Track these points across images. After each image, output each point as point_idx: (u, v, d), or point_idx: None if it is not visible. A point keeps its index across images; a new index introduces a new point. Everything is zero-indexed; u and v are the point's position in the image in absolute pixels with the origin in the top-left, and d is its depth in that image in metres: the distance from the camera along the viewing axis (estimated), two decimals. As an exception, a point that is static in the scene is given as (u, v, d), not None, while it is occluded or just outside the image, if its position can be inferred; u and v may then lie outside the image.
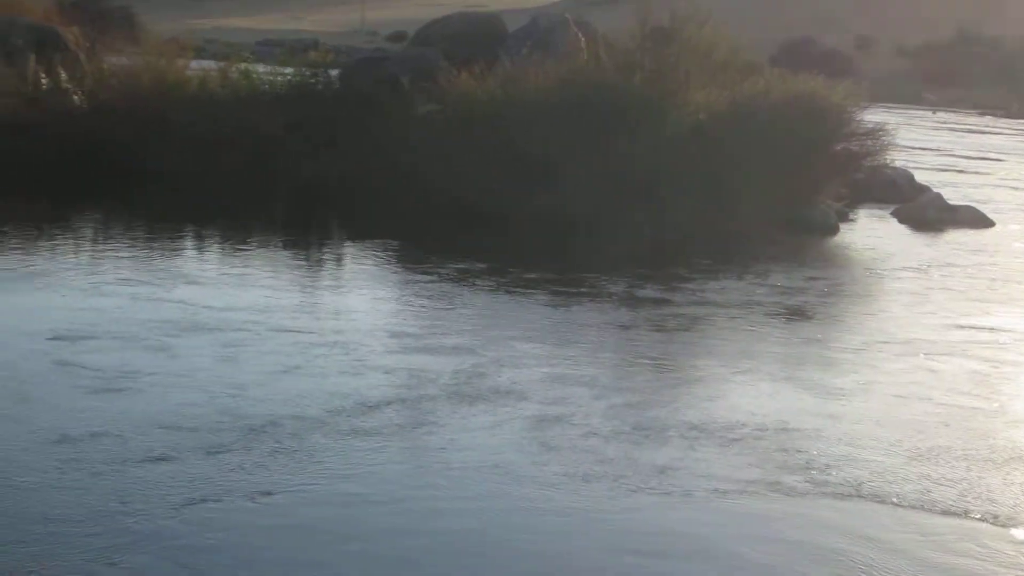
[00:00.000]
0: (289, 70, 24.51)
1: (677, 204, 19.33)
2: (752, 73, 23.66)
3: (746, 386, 10.96)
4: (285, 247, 17.47)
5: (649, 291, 15.18)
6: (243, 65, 24.47)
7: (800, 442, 9.37)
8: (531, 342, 12.06)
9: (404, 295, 14.24)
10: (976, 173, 36.69)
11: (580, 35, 25.60)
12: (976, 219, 23.76)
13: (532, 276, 15.83)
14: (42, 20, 27.93)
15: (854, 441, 9.50)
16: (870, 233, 21.96)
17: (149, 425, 8.85)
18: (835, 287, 16.28)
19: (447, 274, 15.44)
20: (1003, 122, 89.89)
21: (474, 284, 15.01)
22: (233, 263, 15.57)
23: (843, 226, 22.25)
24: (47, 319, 11.75)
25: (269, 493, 7.78)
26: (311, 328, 12.10)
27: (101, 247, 16.37)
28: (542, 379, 10.71)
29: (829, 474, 8.71)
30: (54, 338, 11.04)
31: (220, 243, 17.28)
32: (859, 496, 8.36)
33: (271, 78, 24.21)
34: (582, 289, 15.10)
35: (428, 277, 15.21)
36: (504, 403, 9.89)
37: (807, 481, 8.56)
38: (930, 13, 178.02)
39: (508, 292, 14.68)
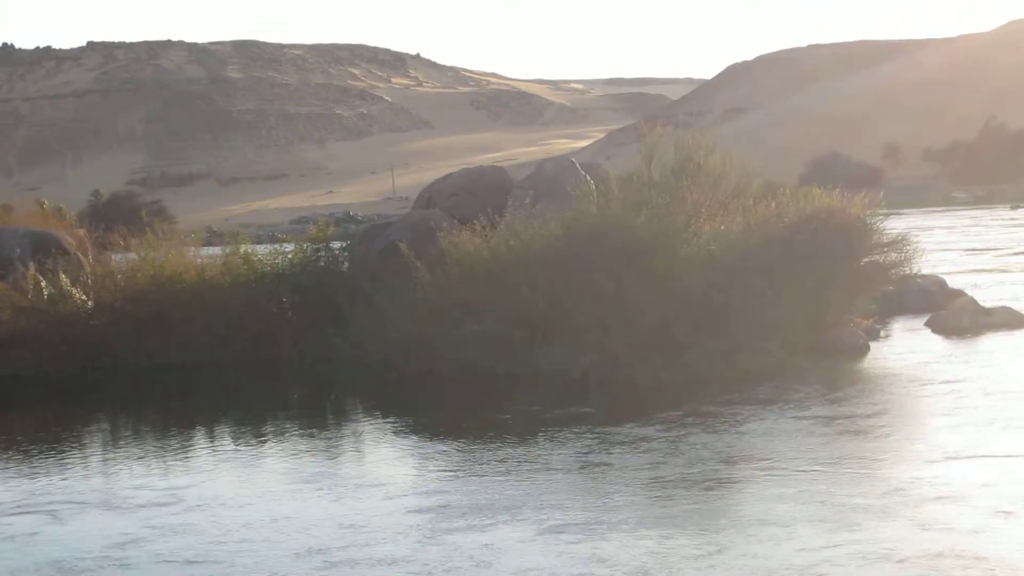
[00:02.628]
0: (290, 247, 23.95)
1: (694, 343, 18.45)
2: (767, 196, 22.90)
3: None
4: (301, 436, 16.58)
5: (666, 443, 14.26)
6: (242, 248, 23.93)
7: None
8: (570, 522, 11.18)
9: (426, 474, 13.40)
10: (1012, 271, 35.83)
11: (588, 178, 24.97)
12: (1013, 320, 22.84)
13: (567, 426, 15.25)
14: (41, 225, 27.71)
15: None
16: (902, 348, 20.95)
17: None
18: (861, 420, 15.11)
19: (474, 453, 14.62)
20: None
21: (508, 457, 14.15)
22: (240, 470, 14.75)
23: (875, 344, 21.25)
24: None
25: None
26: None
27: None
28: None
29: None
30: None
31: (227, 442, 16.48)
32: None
33: (272, 259, 23.63)
34: (612, 448, 14.22)
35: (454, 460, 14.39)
36: None
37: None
38: (954, 114, 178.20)
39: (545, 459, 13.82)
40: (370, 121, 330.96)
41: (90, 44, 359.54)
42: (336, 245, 24.62)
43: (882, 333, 22.57)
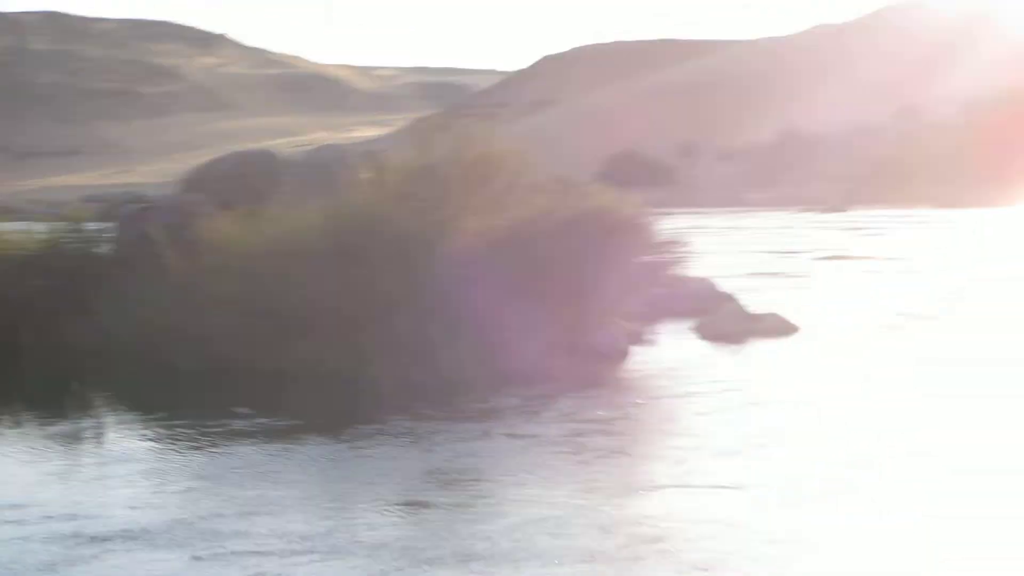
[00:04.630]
0: (44, 227, 22.81)
1: (450, 344, 17.86)
2: (542, 193, 22.41)
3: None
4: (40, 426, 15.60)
5: (412, 442, 13.66)
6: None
7: None
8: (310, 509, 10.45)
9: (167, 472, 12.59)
10: (786, 276, 36.08)
11: (363, 168, 24.33)
12: (779, 327, 22.74)
13: (303, 434, 14.49)
14: None
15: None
16: (664, 354, 20.63)
17: None
18: (589, 436, 14.55)
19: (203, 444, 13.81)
20: (822, 217, 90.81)
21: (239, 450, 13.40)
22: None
23: (639, 348, 20.86)
24: None
25: None
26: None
27: None
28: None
29: None
30: None
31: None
32: None
33: (20, 241, 22.44)
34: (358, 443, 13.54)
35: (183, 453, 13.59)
36: None
37: None
38: (751, 116, 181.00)
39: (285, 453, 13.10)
40: (174, 100, 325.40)
41: None
42: (93, 227, 23.48)
43: (648, 337, 22.21)
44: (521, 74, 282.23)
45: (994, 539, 10.08)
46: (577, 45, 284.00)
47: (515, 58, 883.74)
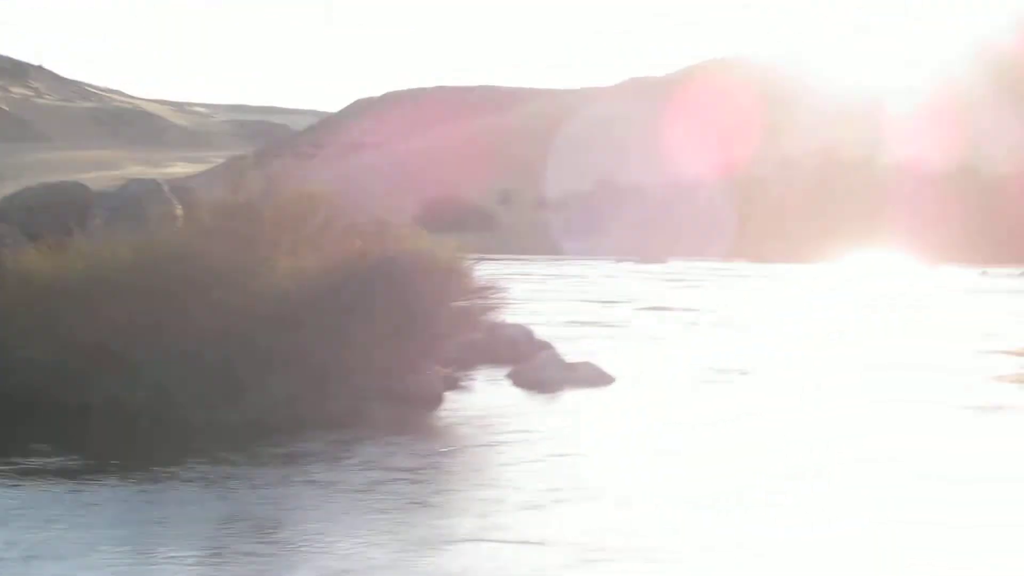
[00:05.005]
0: None
1: (259, 385, 17.34)
2: (357, 235, 22.02)
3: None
4: None
5: (209, 486, 13.14)
6: None
7: None
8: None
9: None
10: (606, 325, 36.15)
11: (176, 203, 23.80)
12: (595, 376, 22.57)
13: (97, 474, 13.82)
14: None
15: None
16: (477, 401, 20.33)
17: None
18: (405, 473, 14.24)
19: None
20: (642, 267, 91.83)
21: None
22: None
23: (452, 394, 20.51)
24: None
25: None
26: None
27: None
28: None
29: None
30: None
31: None
32: None
33: None
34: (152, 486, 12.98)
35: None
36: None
37: None
38: (569, 165, 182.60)
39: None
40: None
41: None
42: None
43: (463, 383, 21.88)
44: (336, 116, 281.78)
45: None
46: (394, 89, 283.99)
47: (334, 99, 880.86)
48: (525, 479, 14.12)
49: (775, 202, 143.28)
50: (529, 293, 50.08)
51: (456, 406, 19.66)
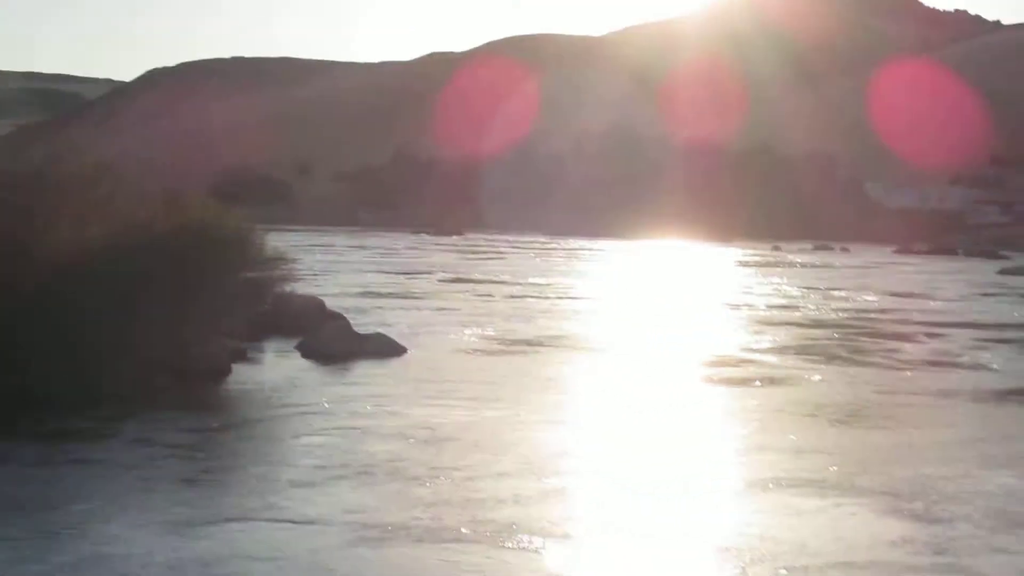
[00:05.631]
0: None
1: (39, 358, 16.76)
2: (141, 206, 21.48)
3: None
4: None
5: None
6: None
7: None
8: None
9: None
10: (402, 296, 36.00)
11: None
12: (386, 348, 22.37)
13: None
14: None
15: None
16: (266, 373, 19.99)
17: None
18: (180, 449, 13.79)
19: None
20: (434, 239, 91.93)
21: None
22: None
23: (240, 366, 20.10)
24: None
25: None
26: None
27: None
28: None
29: None
30: None
31: None
32: None
33: None
34: None
35: None
36: None
37: None
38: (367, 138, 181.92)
39: None
40: None
41: None
42: None
43: (250, 355, 21.51)
44: (130, 85, 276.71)
45: None
46: (189, 59, 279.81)
47: (128, 68, 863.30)
48: (301, 455, 13.73)
49: (571, 179, 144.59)
50: (328, 265, 49.75)
51: (242, 378, 19.26)
